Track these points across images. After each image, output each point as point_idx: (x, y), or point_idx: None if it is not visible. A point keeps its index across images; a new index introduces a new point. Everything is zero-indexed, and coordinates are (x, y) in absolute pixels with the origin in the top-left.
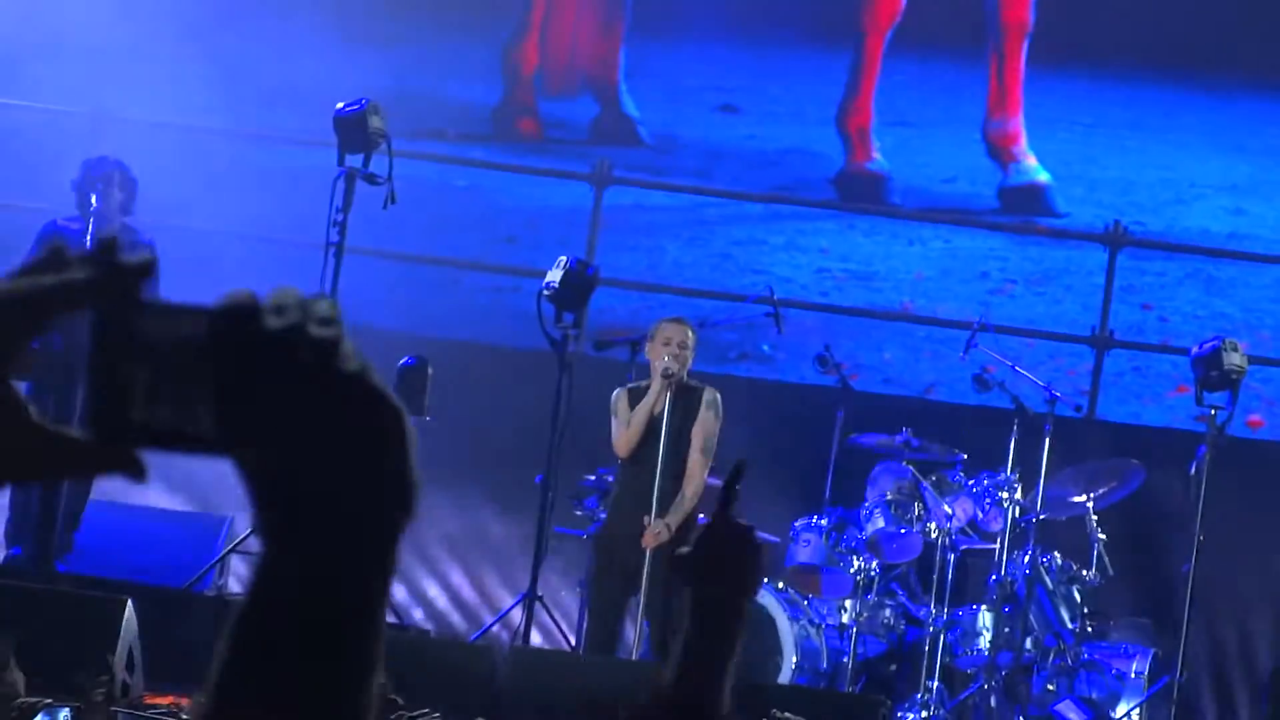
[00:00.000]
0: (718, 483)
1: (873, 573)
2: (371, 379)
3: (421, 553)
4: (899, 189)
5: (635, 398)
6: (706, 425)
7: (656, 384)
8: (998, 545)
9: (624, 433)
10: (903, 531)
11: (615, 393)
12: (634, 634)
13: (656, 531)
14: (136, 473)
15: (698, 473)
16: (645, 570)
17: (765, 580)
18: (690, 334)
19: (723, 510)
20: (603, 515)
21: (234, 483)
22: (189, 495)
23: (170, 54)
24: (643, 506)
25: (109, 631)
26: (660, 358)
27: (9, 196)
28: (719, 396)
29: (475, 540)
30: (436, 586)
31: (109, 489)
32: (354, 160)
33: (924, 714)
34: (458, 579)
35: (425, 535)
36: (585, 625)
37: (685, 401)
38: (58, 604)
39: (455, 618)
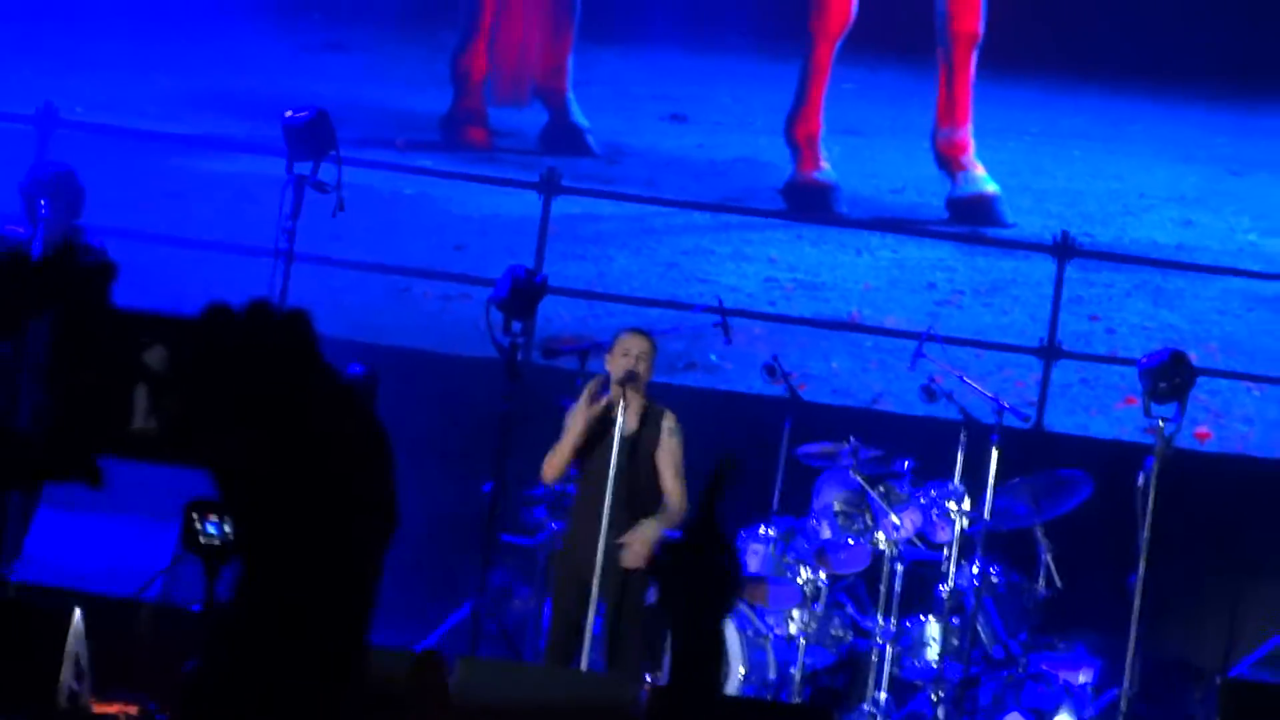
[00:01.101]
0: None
1: (820, 583)
2: (348, 390)
3: None
4: (847, 198)
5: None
6: (674, 453)
7: (617, 394)
8: (945, 556)
9: (553, 453)
10: (850, 542)
11: (574, 404)
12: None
13: (636, 550)
14: (93, 480)
15: (678, 498)
16: (596, 581)
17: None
18: (649, 345)
19: (707, 515)
20: (552, 525)
21: (183, 489)
22: (138, 502)
23: (119, 58)
24: (598, 519)
25: (56, 639)
26: (617, 370)
27: None
28: (677, 419)
29: (421, 549)
30: (381, 597)
31: (58, 495)
32: (303, 167)
33: None
34: (401, 590)
35: None
36: (547, 638)
37: (645, 419)
38: (4, 612)
39: (399, 628)
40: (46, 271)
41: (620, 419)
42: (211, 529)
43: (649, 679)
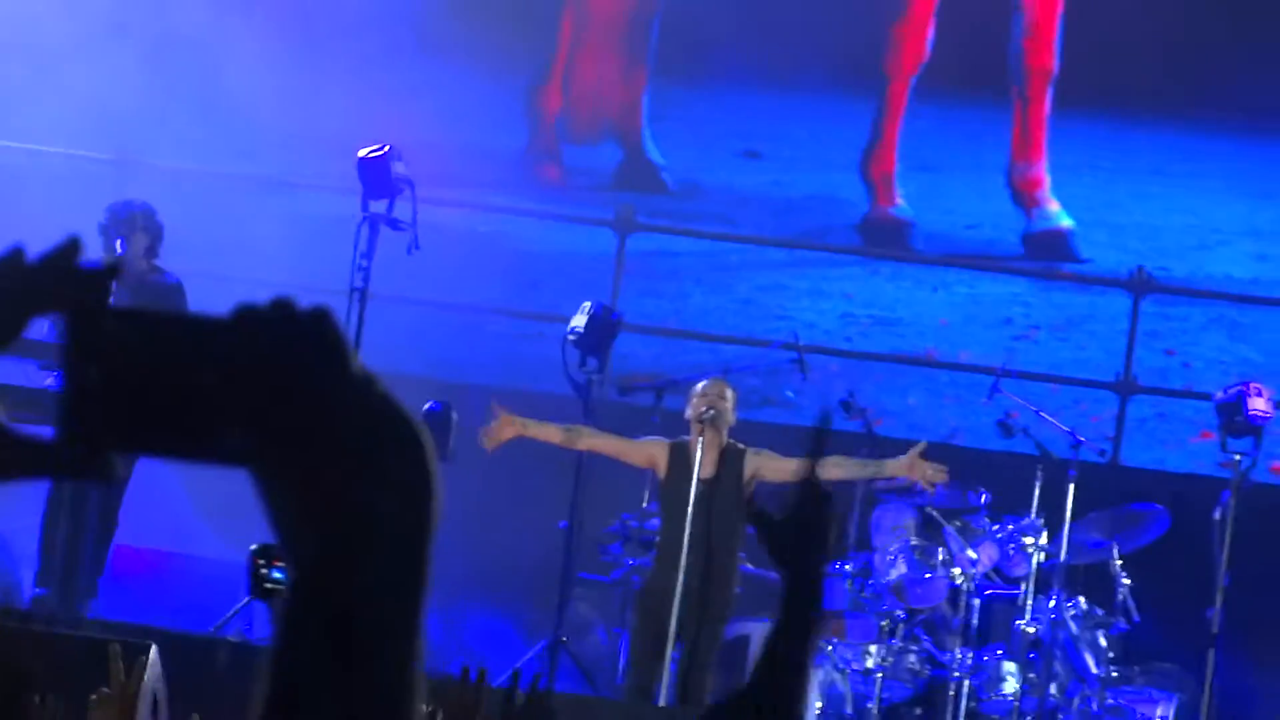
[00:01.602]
0: (753, 570)
1: (897, 618)
2: (382, 389)
3: (445, 597)
4: (923, 234)
5: (676, 451)
6: (772, 459)
7: (695, 432)
8: (1022, 590)
9: (598, 441)
10: (927, 576)
11: (658, 439)
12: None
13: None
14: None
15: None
16: (674, 622)
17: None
18: (727, 390)
19: (809, 471)
20: (628, 562)
21: (260, 527)
22: (215, 540)
23: (197, 100)
24: (679, 566)
25: (133, 677)
26: (696, 410)
27: (34, 243)
28: (759, 450)
29: (497, 585)
30: (460, 631)
31: (135, 533)
32: (378, 206)
33: None
34: (478, 625)
35: (449, 579)
36: (627, 674)
37: (724, 460)
38: (82, 648)
39: (477, 662)
40: (44, 273)
41: (698, 463)
42: (277, 574)
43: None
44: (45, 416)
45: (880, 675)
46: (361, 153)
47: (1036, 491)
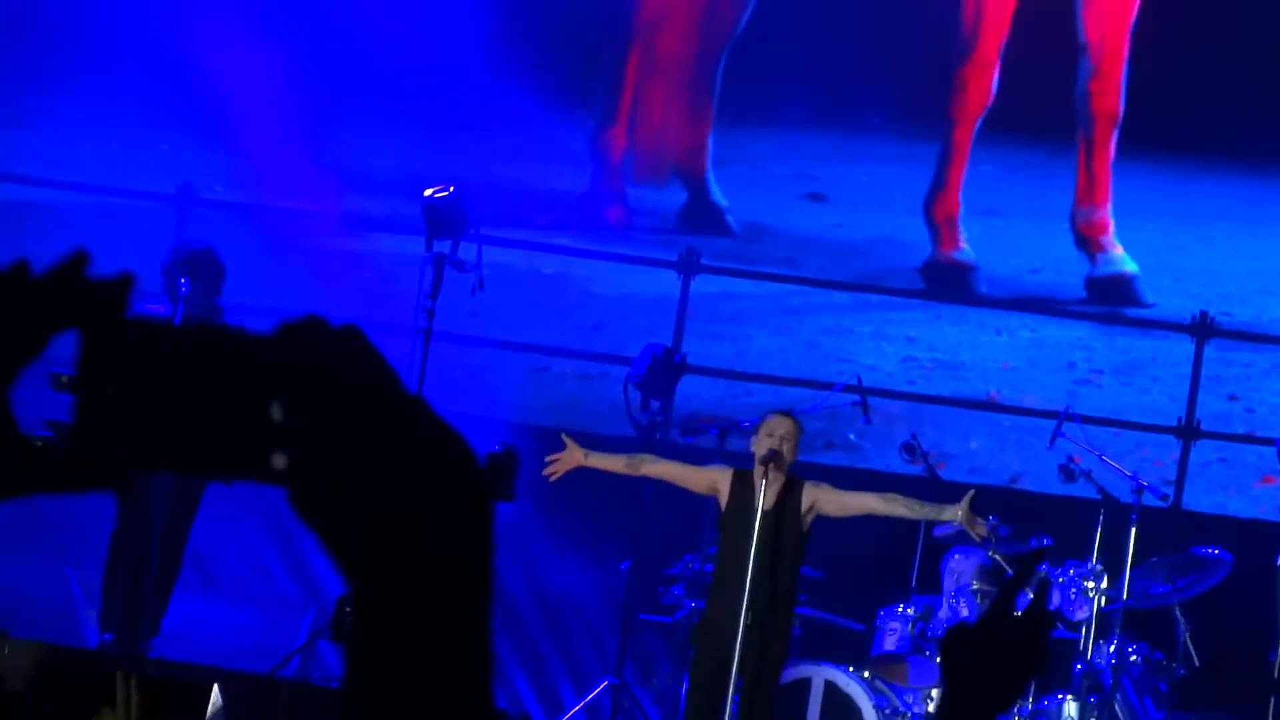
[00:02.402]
0: (811, 613)
1: None
2: (424, 402)
3: (506, 638)
4: (986, 278)
5: (740, 480)
6: (829, 492)
7: (760, 473)
8: (1083, 634)
9: (661, 467)
10: None
11: (724, 467)
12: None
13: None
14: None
15: (873, 502)
16: (736, 659)
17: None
18: (794, 426)
19: (1032, 591)
20: (689, 604)
21: (320, 568)
22: (274, 581)
23: (257, 136)
24: (738, 596)
25: (196, 715)
26: (762, 447)
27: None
28: (818, 483)
29: (560, 626)
30: (521, 671)
31: (193, 578)
32: (442, 246)
33: None
34: (540, 665)
35: (510, 619)
36: (684, 717)
37: (785, 497)
38: (146, 688)
39: (539, 704)
40: (52, 286)
41: (761, 497)
42: None
43: None
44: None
45: None
46: (427, 193)
47: (1098, 536)
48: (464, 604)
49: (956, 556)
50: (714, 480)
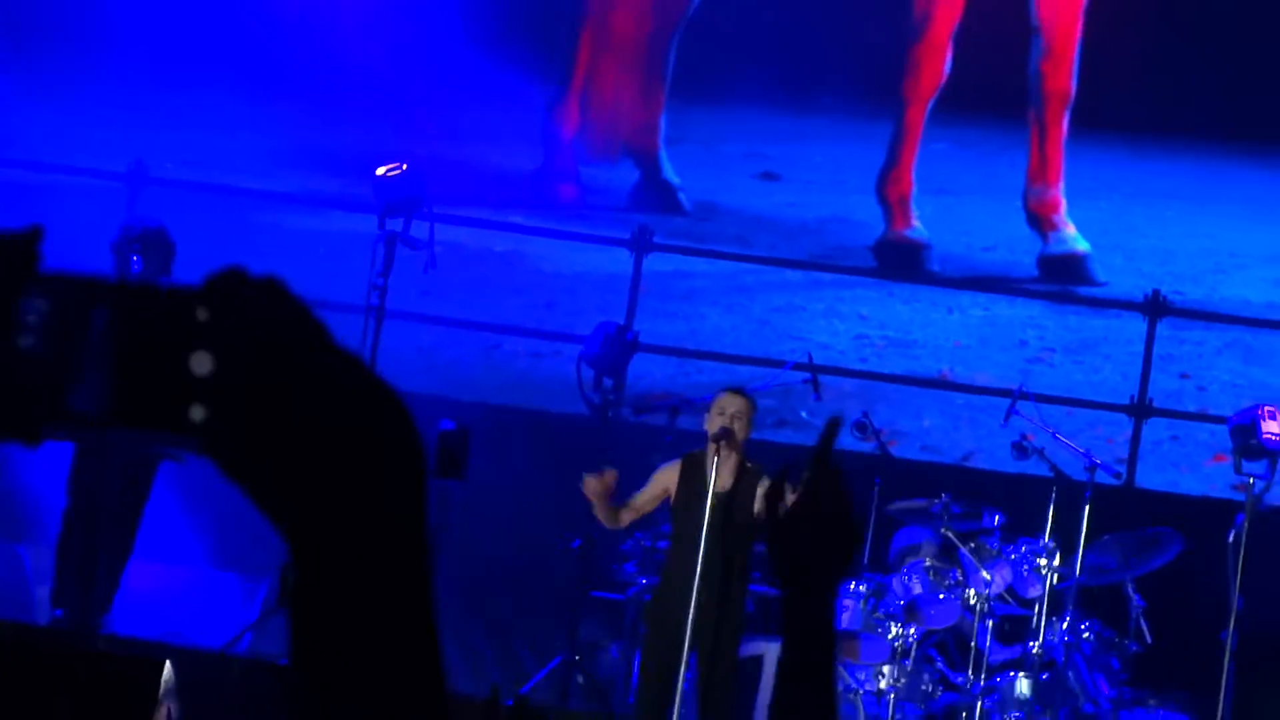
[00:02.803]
0: (765, 590)
1: (910, 639)
2: (358, 360)
3: (457, 615)
4: (938, 257)
5: (690, 464)
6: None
7: (711, 451)
8: (1036, 612)
9: (630, 511)
10: (941, 598)
11: (672, 462)
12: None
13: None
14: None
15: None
16: (688, 636)
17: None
18: (747, 404)
19: (821, 467)
20: (641, 580)
21: (273, 543)
22: (227, 556)
23: (209, 114)
24: (691, 575)
25: (148, 692)
26: (715, 425)
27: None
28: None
29: (512, 603)
30: (472, 650)
31: (149, 549)
32: (394, 224)
33: None
34: (493, 643)
35: (462, 598)
36: (638, 693)
37: (740, 477)
38: (97, 665)
39: (491, 682)
40: None
41: (713, 476)
42: None
43: None
44: None
45: (893, 696)
46: (380, 171)
47: (1051, 513)
48: (401, 564)
49: (908, 533)
50: (663, 483)
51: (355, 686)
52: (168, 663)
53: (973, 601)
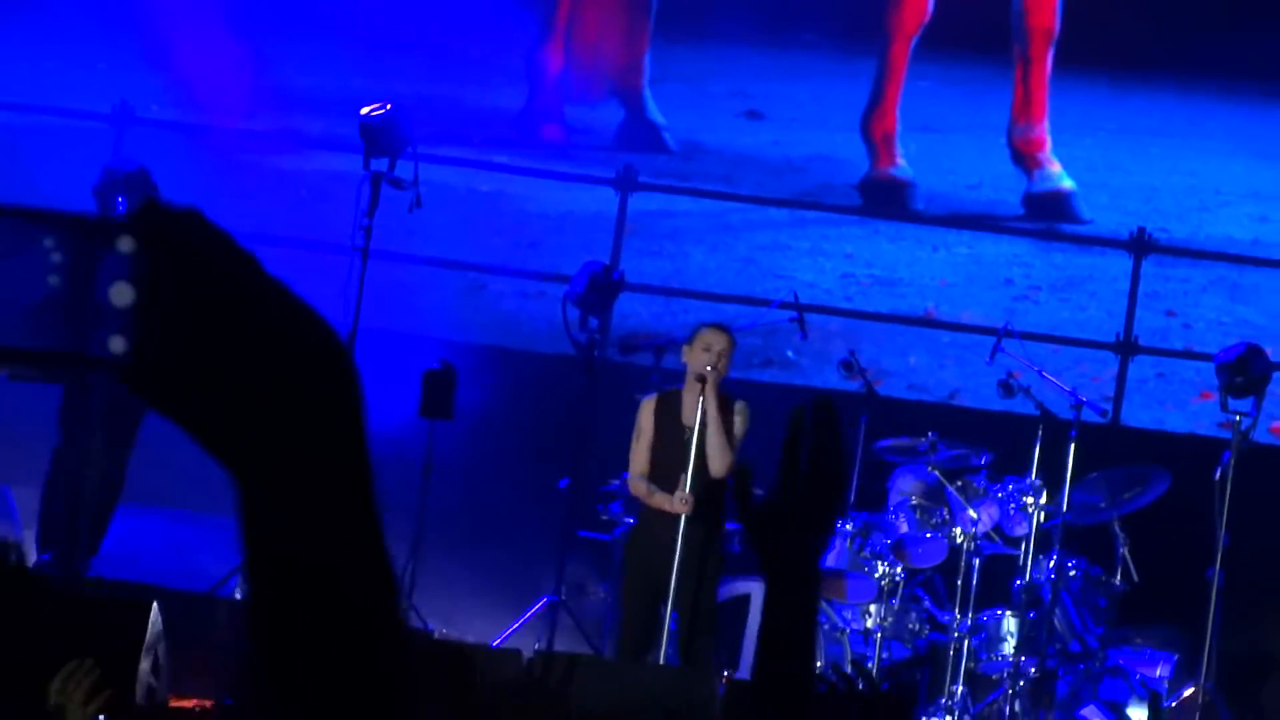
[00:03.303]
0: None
1: (897, 578)
2: (287, 288)
3: (444, 556)
4: (923, 195)
5: (664, 404)
6: (736, 428)
7: (695, 388)
8: (1022, 550)
9: (636, 452)
10: (928, 536)
11: (643, 401)
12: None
13: (682, 499)
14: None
15: (720, 453)
16: (674, 577)
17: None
18: (729, 341)
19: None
20: (628, 520)
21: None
22: (212, 499)
23: (193, 55)
24: (668, 516)
25: (134, 635)
26: (697, 363)
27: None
28: (748, 406)
29: (498, 543)
30: (460, 591)
31: (136, 493)
32: (379, 164)
33: (948, 719)
34: (480, 583)
35: (448, 538)
36: (619, 633)
37: (721, 414)
38: (84, 608)
39: (477, 622)
40: None
41: (699, 412)
42: None
43: (725, 673)
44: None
45: (880, 635)
46: (364, 110)
47: (1037, 452)
48: (345, 489)
49: (899, 472)
50: (642, 427)
51: (310, 616)
52: (155, 605)
53: (959, 540)
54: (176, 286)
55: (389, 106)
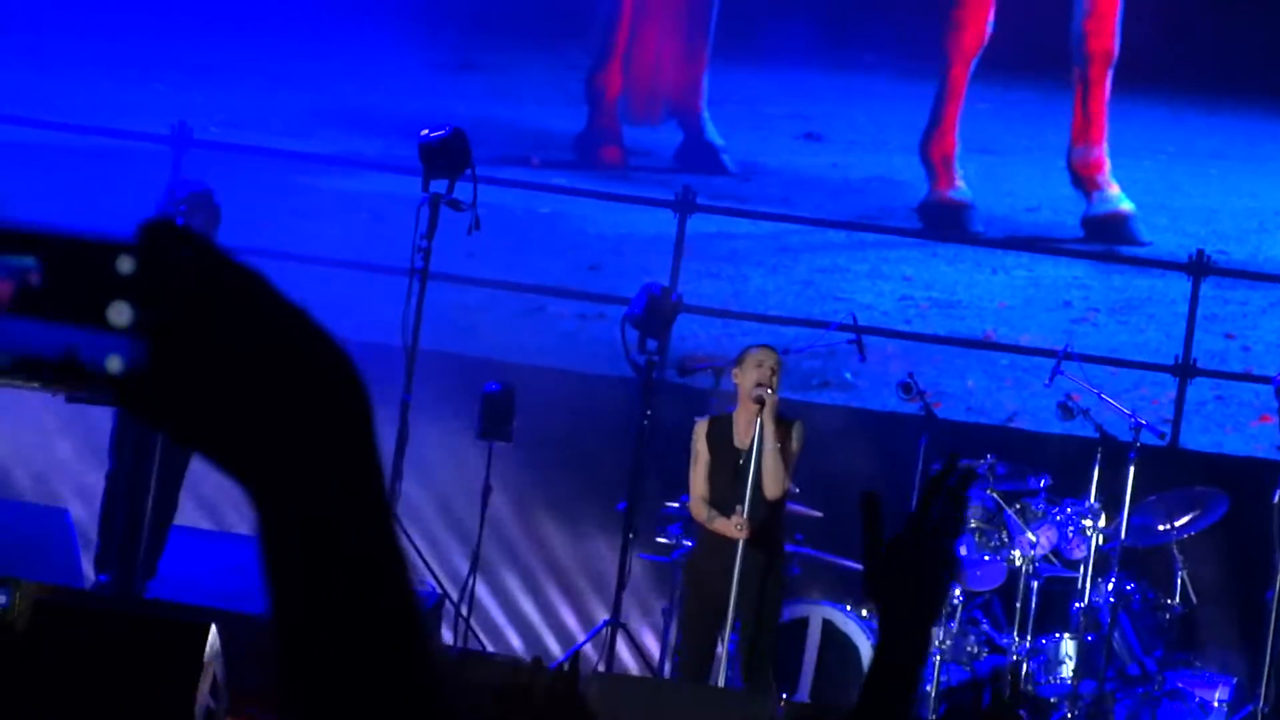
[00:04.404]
0: (811, 552)
1: (956, 600)
2: (298, 308)
3: (504, 578)
4: (982, 217)
5: (717, 427)
6: (791, 447)
7: (749, 410)
8: (1081, 573)
9: (695, 476)
10: (986, 559)
11: (696, 425)
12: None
13: (739, 524)
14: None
15: (775, 477)
16: (733, 599)
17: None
18: (778, 360)
19: (919, 519)
20: (687, 543)
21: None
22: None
23: (252, 75)
24: (730, 538)
25: (193, 656)
26: (750, 383)
27: (92, 224)
28: (803, 425)
29: (558, 566)
30: (519, 613)
31: (192, 515)
32: (438, 186)
33: None
34: (539, 605)
35: (507, 560)
36: (679, 655)
37: (776, 434)
38: (141, 628)
39: (536, 643)
40: None
41: (756, 434)
42: None
43: (784, 696)
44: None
45: (938, 658)
46: (424, 132)
47: (1096, 474)
48: (362, 507)
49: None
50: (698, 451)
51: (332, 628)
52: (213, 627)
53: (1018, 563)
54: (178, 305)
55: (448, 128)
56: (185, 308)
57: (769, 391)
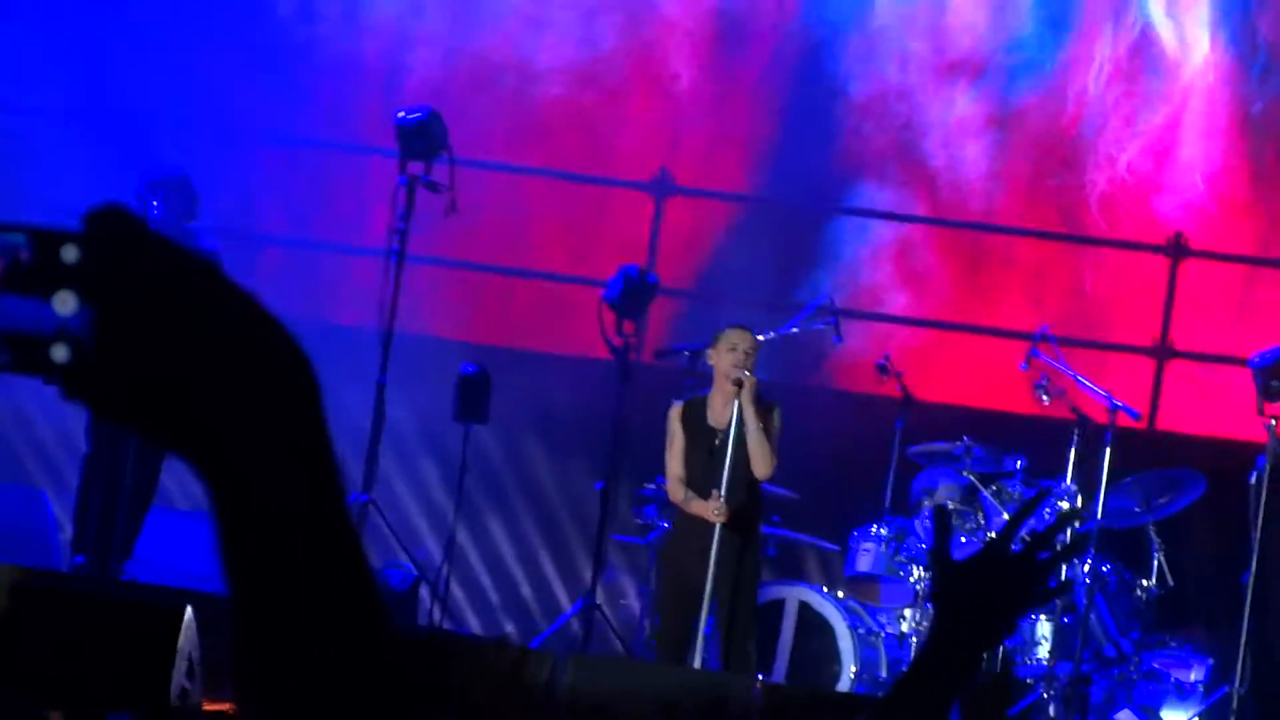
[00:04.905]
0: (787, 534)
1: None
2: (246, 293)
3: (479, 560)
4: None
5: (692, 410)
6: (772, 426)
7: (725, 391)
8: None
9: (671, 459)
10: (962, 540)
11: (671, 407)
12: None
13: (716, 509)
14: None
15: (762, 456)
16: (710, 581)
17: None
18: (755, 341)
19: (1002, 540)
20: (663, 524)
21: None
22: None
23: (228, 59)
24: (706, 520)
25: (168, 637)
26: (726, 365)
27: (67, 213)
28: (780, 408)
29: (534, 548)
30: (495, 593)
31: (170, 496)
32: (415, 168)
33: None
34: (515, 586)
35: (483, 541)
36: (657, 638)
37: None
38: (118, 611)
39: (512, 624)
40: None
41: (732, 418)
42: None
43: (760, 677)
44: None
45: (915, 639)
46: (400, 114)
47: (1072, 456)
48: (314, 491)
49: (928, 476)
50: (673, 433)
51: (286, 607)
52: (188, 609)
53: None
54: (125, 292)
55: (425, 110)
56: (130, 296)
57: (747, 374)
